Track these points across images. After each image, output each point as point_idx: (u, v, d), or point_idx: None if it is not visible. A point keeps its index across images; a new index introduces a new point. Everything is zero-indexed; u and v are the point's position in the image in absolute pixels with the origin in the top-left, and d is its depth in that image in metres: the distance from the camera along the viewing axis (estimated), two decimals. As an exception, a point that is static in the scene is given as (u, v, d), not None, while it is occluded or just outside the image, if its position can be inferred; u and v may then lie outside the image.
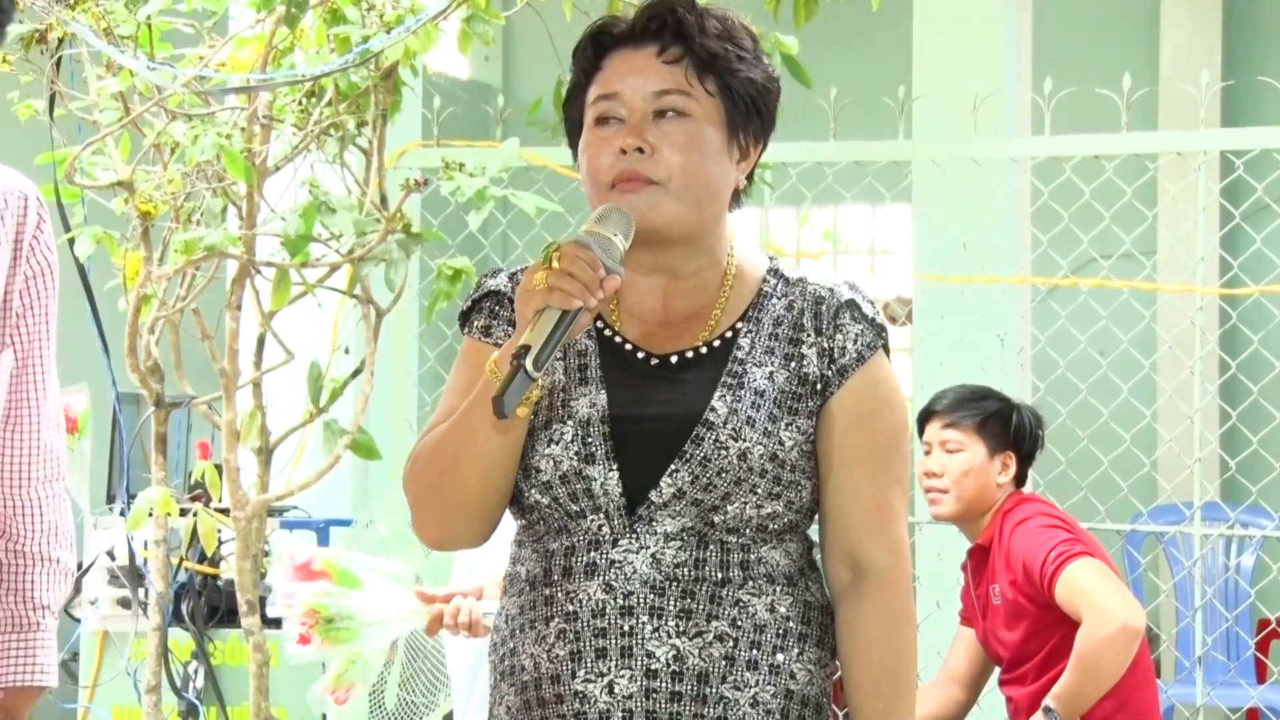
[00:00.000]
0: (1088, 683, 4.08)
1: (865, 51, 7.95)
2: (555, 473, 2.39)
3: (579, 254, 2.31)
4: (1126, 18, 9.04)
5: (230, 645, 5.46)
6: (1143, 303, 6.22)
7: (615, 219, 2.37)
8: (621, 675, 2.35)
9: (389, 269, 4.27)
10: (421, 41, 4.14)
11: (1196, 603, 5.69)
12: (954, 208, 5.99)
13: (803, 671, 2.40)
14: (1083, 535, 4.27)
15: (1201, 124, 5.55)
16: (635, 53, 2.42)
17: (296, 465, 5.04)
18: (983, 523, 4.34)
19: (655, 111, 2.40)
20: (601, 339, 2.46)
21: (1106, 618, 4.05)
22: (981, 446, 4.33)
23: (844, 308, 2.44)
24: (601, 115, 2.42)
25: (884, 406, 2.43)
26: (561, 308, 2.29)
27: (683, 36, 2.40)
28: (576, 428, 2.40)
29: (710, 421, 2.37)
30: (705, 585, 2.36)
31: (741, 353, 2.42)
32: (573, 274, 2.29)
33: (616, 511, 2.38)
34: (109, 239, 4.29)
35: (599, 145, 2.42)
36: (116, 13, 4.10)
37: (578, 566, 2.39)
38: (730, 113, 2.42)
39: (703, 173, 2.40)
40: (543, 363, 2.28)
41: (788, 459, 2.38)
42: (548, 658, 2.39)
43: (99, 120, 4.26)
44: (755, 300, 2.46)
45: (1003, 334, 5.92)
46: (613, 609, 2.36)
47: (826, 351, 2.42)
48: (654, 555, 2.36)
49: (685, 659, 2.35)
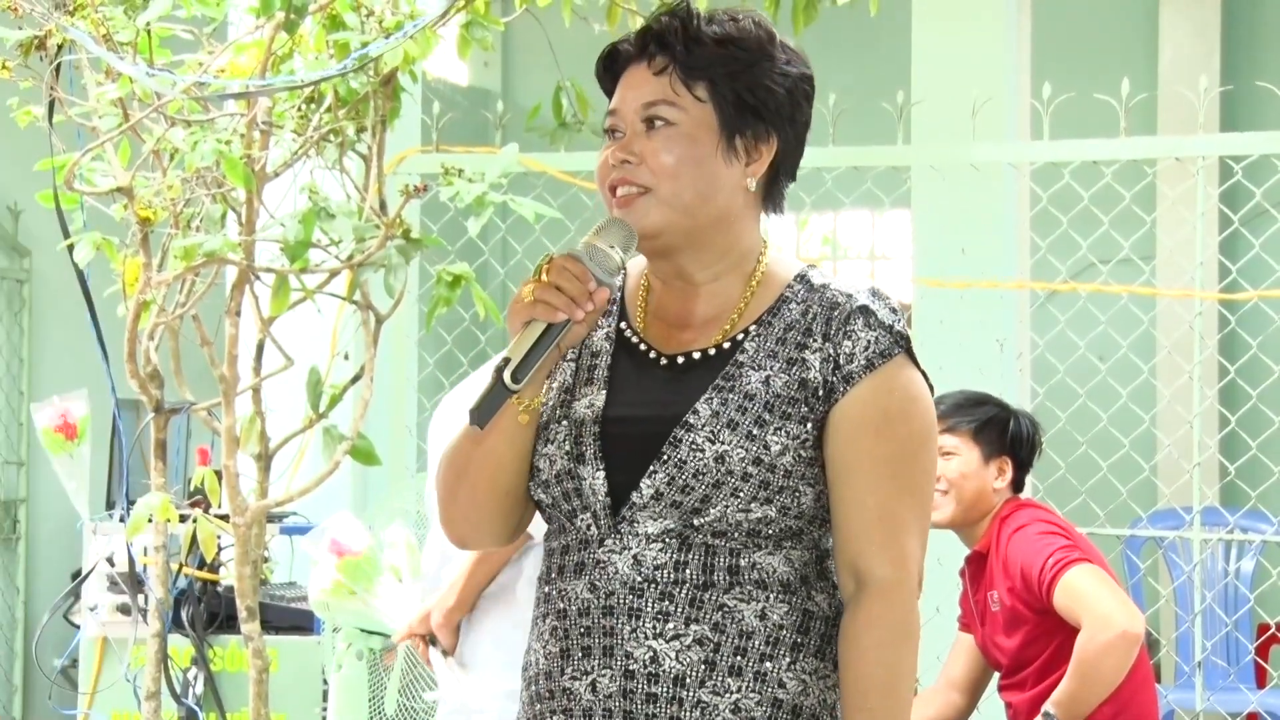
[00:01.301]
0: (1087, 688, 4.08)
1: (864, 57, 7.96)
2: (551, 472, 2.44)
3: (568, 266, 2.36)
4: (1125, 23, 9.05)
5: (230, 651, 5.46)
6: (1142, 308, 6.22)
7: (614, 231, 2.41)
8: (603, 674, 2.38)
9: (388, 275, 4.27)
10: (421, 47, 4.14)
11: (1196, 608, 5.69)
12: (953, 213, 5.99)
13: (794, 681, 2.38)
14: (1080, 541, 4.27)
15: (1200, 129, 5.55)
16: (635, 69, 2.49)
17: (296, 471, 5.05)
18: (980, 529, 4.34)
19: (645, 121, 2.45)
20: (620, 339, 2.50)
21: (1105, 623, 4.05)
22: (976, 451, 4.33)
23: (857, 313, 2.42)
24: (607, 129, 2.50)
25: (896, 416, 2.40)
26: (546, 320, 2.34)
27: (666, 46, 2.45)
28: (571, 427, 2.44)
29: (689, 423, 2.39)
30: (685, 588, 2.37)
31: (744, 356, 2.43)
32: (560, 287, 2.34)
33: (603, 511, 2.41)
34: (108, 245, 4.28)
35: (603, 157, 2.48)
36: (116, 19, 4.10)
37: (570, 565, 2.43)
38: (723, 117, 2.44)
39: (688, 177, 2.42)
40: (521, 376, 2.33)
41: (777, 464, 2.37)
42: (544, 654, 2.44)
43: (98, 126, 4.26)
44: (774, 305, 2.47)
45: (1002, 339, 5.92)
46: (596, 609, 2.39)
47: (832, 358, 2.41)
48: (635, 556, 2.38)
49: (661, 661, 2.36)
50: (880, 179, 5.82)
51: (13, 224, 8.22)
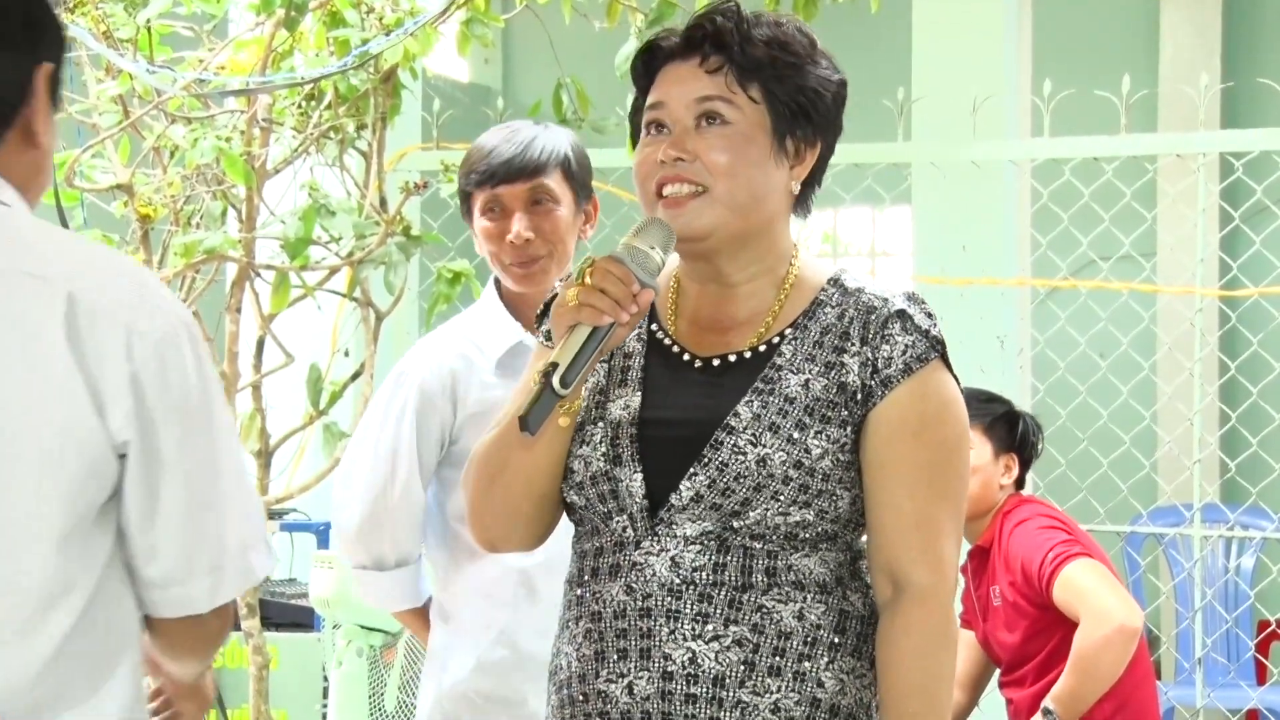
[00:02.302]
0: (1086, 683, 4.09)
1: (865, 54, 7.93)
2: (586, 473, 2.42)
3: (611, 269, 2.34)
4: (1126, 19, 9.05)
5: (230, 648, 5.45)
6: (1142, 304, 6.22)
7: (654, 231, 2.39)
8: (640, 676, 2.37)
9: (388, 272, 4.27)
10: (421, 44, 4.15)
11: (1196, 604, 5.69)
12: (954, 210, 5.99)
13: (832, 680, 2.38)
14: (1082, 536, 4.27)
15: (1201, 125, 5.55)
16: (681, 65, 2.45)
17: (296, 468, 5.04)
18: (983, 524, 4.34)
19: (697, 118, 2.42)
20: (652, 340, 2.48)
21: (1103, 618, 4.05)
22: (988, 446, 4.34)
23: (894, 318, 2.42)
24: (651, 122, 2.46)
25: (933, 420, 2.40)
26: (592, 324, 2.32)
27: (723, 46, 2.43)
28: (607, 429, 2.42)
29: (731, 426, 2.38)
30: (724, 590, 2.36)
31: (781, 359, 2.42)
32: (604, 290, 2.32)
33: (640, 513, 2.39)
34: (109, 242, 4.29)
35: (644, 153, 2.45)
36: (116, 16, 4.10)
37: (604, 567, 2.42)
38: (775, 118, 2.43)
39: (744, 177, 2.41)
40: (570, 380, 2.31)
41: (817, 467, 2.37)
42: (577, 657, 2.43)
43: (98, 123, 4.26)
44: (809, 309, 2.46)
45: (1003, 336, 5.91)
46: (633, 610, 2.38)
47: (870, 362, 2.40)
48: (673, 558, 2.37)
49: (700, 662, 2.35)
50: (881, 176, 5.81)
51: (13, 221, 8.22)
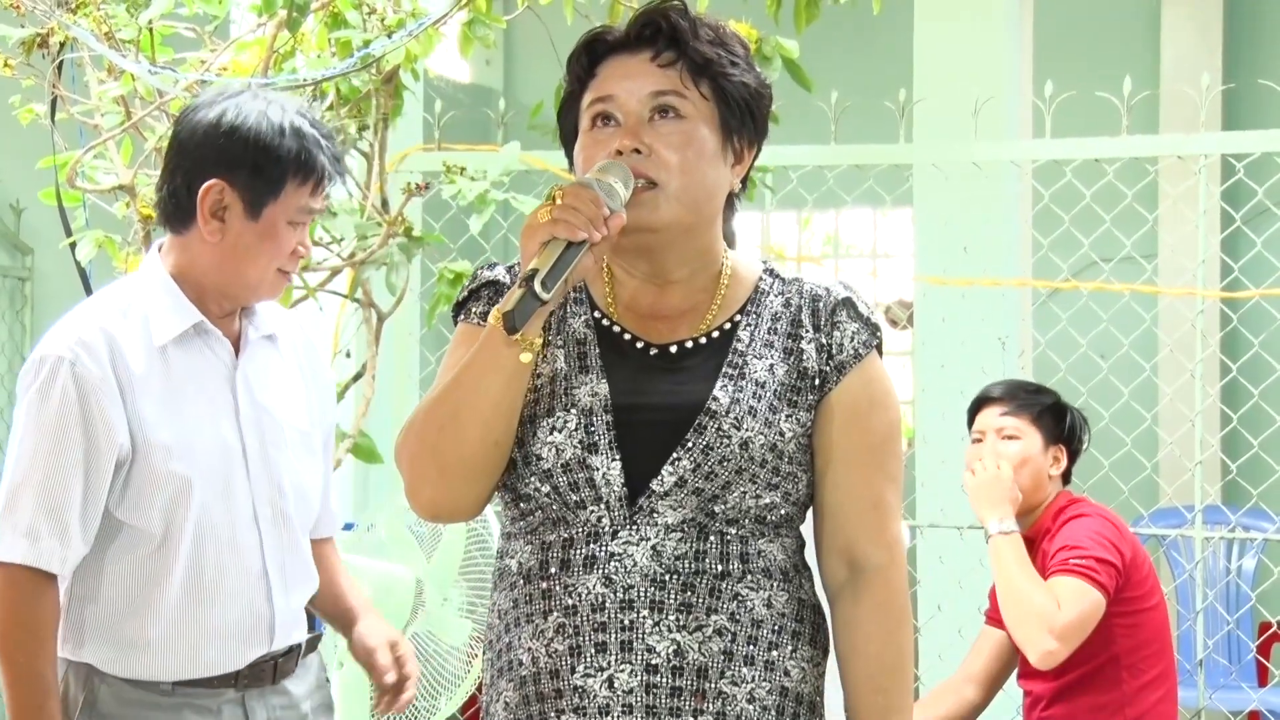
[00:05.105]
0: (1011, 611, 4.08)
1: (866, 55, 7.95)
2: (557, 461, 2.39)
3: (581, 192, 2.33)
4: (1127, 21, 9.04)
5: (232, 649, 5.44)
6: (1143, 306, 6.21)
7: (615, 170, 2.38)
8: (622, 670, 2.35)
9: (390, 272, 4.27)
10: (423, 45, 4.15)
11: (1198, 606, 5.69)
12: (955, 211, 5.99)
13: (797, 669, 2.41)
14: (1126, 545, 4.20)
15: (1202, 127, 5.55)
16: (630, 58, 2.44)
17: (298, 469, 5.03)
18: (1031, 519, 4.29)
19: (651, 112, 2.42)
20: (599, 328, 2.47)
21: (1050, 627, 4.01)
22: (1038, 436, 4.31)
23: (841, 305, 2.47)
24: (598, 115, 2.44)
25: (879, 404, 2.47)
26: (567, 238, 2.31)
27: (676, 41, 2.42)
28: (579, 416, 2.40)
29: (713, 410, 2.39)
30: (705, 578, 2.37)
31: (741, 345, 2.44)
32: (576, 208, 2.32)
33: (617, 502, 2.38)
34: (110, 243, 4.29)
35: (595, 147, 2.43)
36: (118, 17, 4.10)
37: (576, 559, 2.39)
38: (725, 116, 2.44)
39: (699, 172, 2.42)
40: (551, 285, 2.30)
41: (786, 450, 2.40)
42: (546, 652, 2.38)
43: (100, 124, 4.26)
44: (753, 296, 2.48)
45: (1004, 337, 5.91)
46: (612, 603, 2.36)
47: (825, 348, 2.45)
48: (654, 547, 2.37)
49: (685, 653, 2.35)
50: (882, 177, 5.81)
51: (15, 221, 8.22)
